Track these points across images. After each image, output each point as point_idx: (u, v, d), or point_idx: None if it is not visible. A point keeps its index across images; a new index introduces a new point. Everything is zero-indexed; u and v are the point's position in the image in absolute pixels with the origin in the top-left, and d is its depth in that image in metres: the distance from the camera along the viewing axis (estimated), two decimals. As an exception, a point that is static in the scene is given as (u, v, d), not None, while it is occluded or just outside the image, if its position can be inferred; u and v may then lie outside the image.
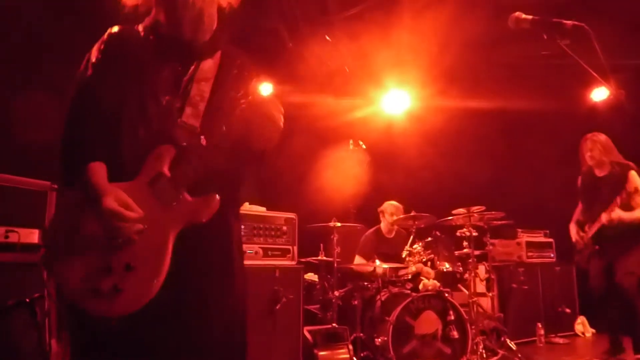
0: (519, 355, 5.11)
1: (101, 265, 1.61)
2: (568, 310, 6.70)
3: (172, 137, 1.78)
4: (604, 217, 4.76)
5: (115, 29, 1.90)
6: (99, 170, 1.68)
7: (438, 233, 5.23)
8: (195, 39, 1.90)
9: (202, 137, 1.82)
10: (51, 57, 4.35)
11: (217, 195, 1.75)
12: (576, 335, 6.72)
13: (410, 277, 5.15)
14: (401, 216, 5.62)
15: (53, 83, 3.23)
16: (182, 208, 1.72)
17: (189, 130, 1.82)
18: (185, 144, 1.78)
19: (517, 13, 2.00)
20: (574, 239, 5.28)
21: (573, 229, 5.30)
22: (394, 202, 5.93)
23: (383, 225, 5.93)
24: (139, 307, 1.59)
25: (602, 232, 4.89)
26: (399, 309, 4.50)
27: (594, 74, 1.85)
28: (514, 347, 5.29)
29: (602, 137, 5.12)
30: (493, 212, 5.27)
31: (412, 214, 5.30)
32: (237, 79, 1.98)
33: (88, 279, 1.59)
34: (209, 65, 1.92)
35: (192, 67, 1.89)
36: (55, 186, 3.51)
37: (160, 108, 1.80)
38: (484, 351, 4.91)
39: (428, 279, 4.91)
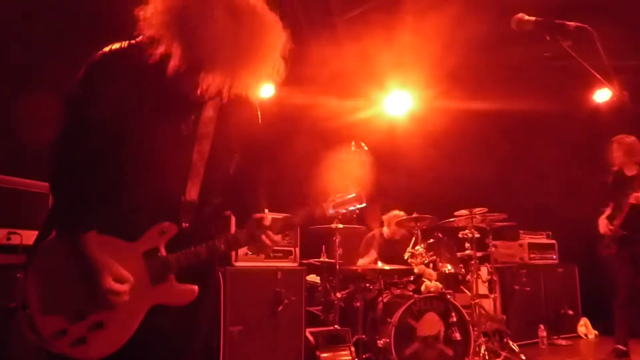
0: (522, 357, 5.11)
1: (76, 311, 1.68)
2: (571, 312, 6.69)
3: (175, 214, 1.82)
4: (633, 197, 4.97)
5: (109, 51, 1.72)
6: (91, 242, 1.66)
7: (440, 235, 5.23)
8: (198, 99, 1.75)
9: (202, 209, 1.88)
10: (52, 57, 4.36)
11: (196, 288, 1.83)
12: (579, 337, 6.70)
13: (412, 278, 5.14)
14: (404, 217, 5.61)
15: (55, 84, 3.23)
16: (165, 290, 1.80)
17: (189, 208, 1.85)
18: (185, 225, 1.84)
19: (519, 14, 1.99)
20: (602, 232, 5.42)
21: (602, 222, 5.42)
22: (398, 213, 5.90)
23: (386, 231, 5.91)
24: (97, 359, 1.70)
25: (629, 220, 5.09)
26: (401, 310, 4.49)
27: (597, 75, 1.84)
28: (516, 348, 5.28)
29: (629, 139, 5.33)
30: (495, 214, 5.27)
31: (415, 215, 5.29)
32: (237, 126, 1.92)
33: (60, 320, 1.66)
34: (209, 115, 1.84)
35: (193, 118, 1.81)
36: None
37: (165, 174, 1.78)
38: (486, 353, 4.90)
39: (430, 280, 4.91)
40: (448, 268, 5.00)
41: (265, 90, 6.74)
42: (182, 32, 1.56)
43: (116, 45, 1.74)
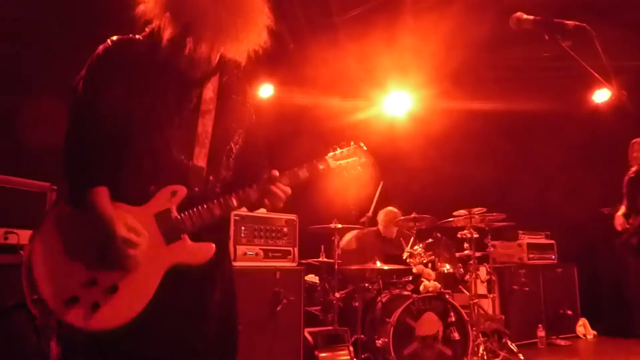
0: (520, 357, 5.11)
1: (87, 278, 1.64)
2: (569, 312, 6.69)
3: (185, 179, 1.84)
4: None
5: (116, 40, 1.89)
6: (102, 195, 1.69)
7: (439, 234, 5.22)
8: (198, 78, 1.93)
9: (210, 177, 1.92)
10: (53, 57, 4.35)
11: (213, 245, 1.83)
12: (577, 337, 6.70)
13: (411, 278, 5.14)
14: (402, 217, 5.61)
15: (54, 84, 3.23)
16: (180, 249, 1.78)
17: (199, 174, 1.88)
18: (197, 189, 1.86)
19: (518, 13, 1.99)
20: (619, 229, 5.53)
21: (619, 219, 5.50)
22: (389, 209, 5.90)
23: (382, 228, 5.92)
24: (112, 328, 1.63)
25: None
26: (399, 310, 4.49)
27: (596, 75, 1.84)
28: (515, 349, 5.28)
29: None
30: (494, 214, 5.27)
31: (413, 215, 5.29)
32: (235, 108, 2.02)
33: (69, 288, 1.62)
34: (209, 96, 1.94)
35: (195, 95, 1.92)
36: (55, 187, 3.51)
37: (171, 142, 1.83)
38: (484, 353, 4.90)
39: (429, 280, 4.90)
40: (447, 268, 5.00)
41: (265, 90, 6.76)
42: (171, 2, 1.76)
43: (119, 37, 1.89)
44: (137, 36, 1.90)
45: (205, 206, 1.83)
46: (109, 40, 1.87)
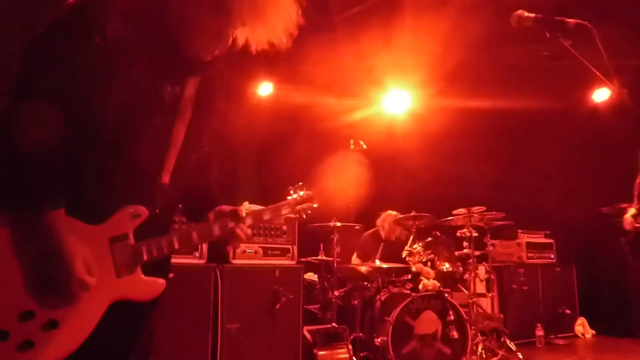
0: (519, 356, 5.11)
1: (22, 309, 1.36)
2: (568, 312, 6.70)
3: (150, 198, 1.59)
4: None
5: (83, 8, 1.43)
6: (60, 221, 1.38)
7: (438, 233, 5.23)
8: (201, 57, 1.61)
9: (171, 194, 1.68)
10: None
11: (164, 281, 1.64)
12: (576, 336, 6.72)
13: (410, 277, 5.14)
14: (401, 216, 5.61)
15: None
16: (130, 283, 1.56)
17: (165, 193, 1.64)
18: (158, 211, 1.62)
19: (519, 11, 1.99)
20: (628, 228, 5.48)
21: (628, 219, 5.54)
22: (391, 213, 5.89)
23: (383, 231, 5.90)
24: None
25: None
26: (398, 309, 4.50)
27: (597, 73, 1.84)
28: (513, 347, 5.28)
29: None
30: (493, 213, 5.26)
31: (412, 214, 5.28)
32: (214, 113, 1.77)
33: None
34: (190, 95, 1.66)
35: (179, 89, 1.62)
36: None
37: (143, 149, 1.54)
38: (483, 352, 4.90)
39: (428, 279, 4.90)
40: (446, 267, 5.00)
41: (265, 89, 6.75)
42: None
43: None
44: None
45: (167, 237, 1.62)
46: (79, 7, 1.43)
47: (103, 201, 1.50)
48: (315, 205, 2.24)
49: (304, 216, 2.26)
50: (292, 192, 2.21)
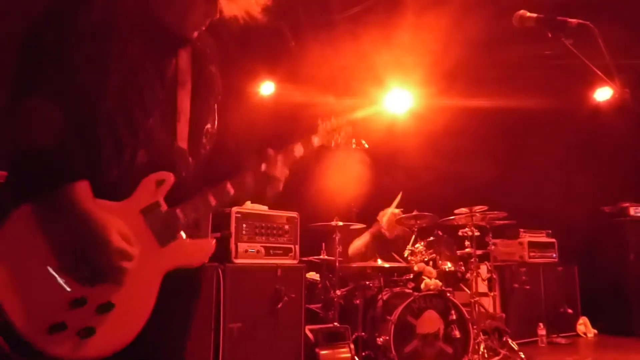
0: (521, 356, 5.11)
1: (72, 297, 1.32)
2: (570, 311, 6.69)
3: (171, 163, 1.55)
4: None
5: None
6: (85, 193, 1.35)
7: (440, 232, 5.23)
8: (186, 34, 1.64)
9: (191, 160, 1.65)
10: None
11: (213, 241, 1.60)
12: (578, 335, 6.71)
13: (412, 276, 5.14)
14: (403, 215, 5.61)
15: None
16: (176, 250, 1.51)
17: (183, 157, 1.61)
18: (184, 174, 1.58)
19: (521, 11, 1.99)
20: None
21: None
22: (392, 210, 5.88)
23: (385, 229, 5.90)
24: (106, 355, 1.36)
25: None
26: (400, 308, 4.50)
27: (599, 73, 1.84)
28: (515, 347, 5.28)
29: None
30: (495, 212, 5.27)
31: (414, 213, 5.29)
32: (212, 81, 1.78)
33: (51, 311, 1.29)
34: (184, 64, 1.67)
35: (174, 62, 1.63)
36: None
37: (151, 115, 1.52)
38: (485, 351, 4.90)
39: (430, 278, 4.90)
40: (448, 266, 5.00)
41: (266, 88, 6.76)
42: None
43: None
44: None
45: (198, 196, 1.56)
46: None
47: (124, 176, 1.46)
48: (349, 129, 2.20)
49: (337, 145, 2.16)
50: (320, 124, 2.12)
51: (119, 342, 1.37)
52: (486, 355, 4.89)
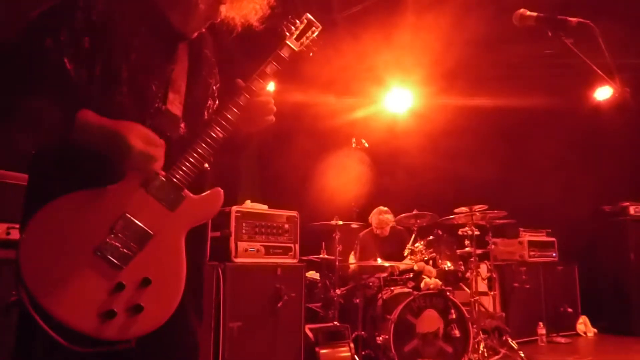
0: (521, 355, 5.11)
1: (112, 285, 1.39)
2: (570, 310, 6.70)
3: (157, 126, 1.53)
4: None
5: None
6: (93, 113, 1.40)
7: (440, 232, 5.23)
8: (187, 33, 1.70)
9: (182, 125, 1.64)
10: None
11: (220, 189, 1.60)
12: (578, 335, 6.71)
13: (412, 275, 5.15)
14: (403, 215, 5.61)
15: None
16: (188, 210, 1.53)
17: (172, 120, 1.60)
18: (169, 134, 1.56)
19: (521, 10, 1.98)
20: None
21: None
22: (381, 208, 5.87)
23: (375, 228, 5.89)
24: (161, 324, 1.43)
25: None
26: (400, 307, 4.50)
27: (599, 72, 1.84)
28: (515, 346, 5.29)
29: None
30: (495, 211, 5.27)
31: (414, 212, 5.29)
32: (208, 62, 1.80)
33: (99, 302, 1.37)
34: (182, 51, 1.70)
35: (172, 50, 1.68)
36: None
37: (139, 78, 1.53)
38: (485, 350, 4.91)
39: (430, 277, 4.91)
40: (448, 265, 5.00)
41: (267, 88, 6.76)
42: None
43: None
44: None
45: (189, 152, 1.55)
46: None
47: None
48: (319, 28, 2.06)
49: (312, 49, 2.04)
50: (286, 27, 1.98)
51: (166, 310, 1.44)
52: (486, 355, 4.89)
